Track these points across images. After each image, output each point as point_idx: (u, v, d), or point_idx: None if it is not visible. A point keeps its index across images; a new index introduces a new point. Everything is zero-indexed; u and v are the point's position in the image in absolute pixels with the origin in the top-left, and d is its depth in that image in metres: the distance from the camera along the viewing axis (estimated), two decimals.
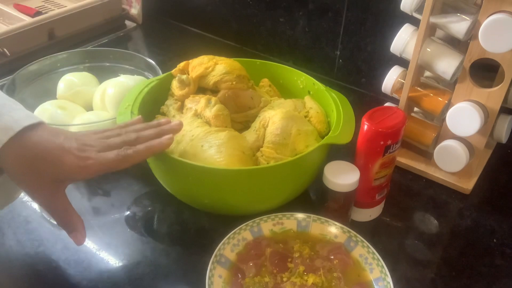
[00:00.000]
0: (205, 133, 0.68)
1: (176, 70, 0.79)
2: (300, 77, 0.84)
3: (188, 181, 0.66)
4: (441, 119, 0.77)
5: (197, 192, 0.68)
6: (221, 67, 0.77)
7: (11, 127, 0.51)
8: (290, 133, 0.69)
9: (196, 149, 0.66)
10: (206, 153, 0.66)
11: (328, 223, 0.65)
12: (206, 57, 0.79)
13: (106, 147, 0.58)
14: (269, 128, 0.70)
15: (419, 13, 0.72)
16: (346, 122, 0.70)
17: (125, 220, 0.72)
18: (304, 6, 1.02)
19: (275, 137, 0.69)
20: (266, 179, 0.65)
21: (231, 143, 0.67)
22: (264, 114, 0.74)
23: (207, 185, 0.65)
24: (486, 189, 0.79)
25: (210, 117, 0.71)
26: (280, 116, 0.70)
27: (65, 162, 0.53)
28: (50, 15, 1.09)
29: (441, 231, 0.73)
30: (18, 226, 0.69)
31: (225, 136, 0.67)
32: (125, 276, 0.63)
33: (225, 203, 0.68)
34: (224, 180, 0.64)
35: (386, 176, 0.68)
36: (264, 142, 0.70)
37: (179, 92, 0.78)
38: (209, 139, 0.67)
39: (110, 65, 0.96)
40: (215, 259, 0.59)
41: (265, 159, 0.68)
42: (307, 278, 0.58)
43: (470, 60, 0.69)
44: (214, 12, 1.18)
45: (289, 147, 0.69)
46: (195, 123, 0.71)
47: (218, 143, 0.66)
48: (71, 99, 0.86)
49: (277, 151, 0.68)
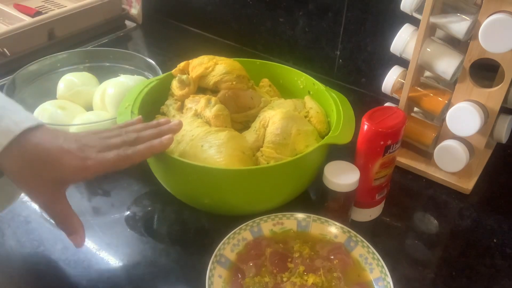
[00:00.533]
0: (205, 133, 0.68)
1: (176, 70, 0.79)
2: (300, 77, 0.84)
3: (188, 181, 0.66)
4: (441, 119, 0.77)
5: (197, 192, 0.68)
6: (221, 67, 0.77)
7: (11, 130, 0.51)
8: (290, 133, 0.69)
9: (196, 149, 0.66)
10: (206, 153, 0.66)
11: (328, 223, 0.65)
12: (206, 57, 0.79)
13: (106, 147, 0.57)
14: (269, 128, 0.70)
15: (419, 13, 0.72)
16: (346, 122, 0.71)
17: (125, 220, 0.72)
18: (304, 6, 1.02)
19: (275, 137, 0.69)
20: (266, 179, 0.65)
21: (231, 143, 0.67)
22: (264, 114, 0.74)
23: (207, 185, 0.65)
24: (486, 189, 0.79)
25: (210, 117, 0.71)
26: (280, 116, 0.71)
27: (65, 163, 0.53)
28: (50, 15, 1.09)
29: (441, 231, 0.73)
30: (18, 226, 0.69)
31: (225, 136, 0.67)
32: (125, 276, 0.63)
33: (225, 203, 0.68)
34: (224, 180, 0.64)
35: (386, 176, 0.68)
36: (264, 142, 0.70)
37: (179, 92, 0.78)
38: (209, 139, 0.67)
39: (110, 65, 0.96)
40: (215, 259, 0.59)
41: (265, 159, 0.68)
42: (307, 278, 0.58)
43: (470, 60, 0.69)
44: (214, 12, 1.18)
45: (289, 147, 0.69)
46: (195, 123, 0.71)
47: (218, 143, 0.66)
48: (71, 99, 0.86)
49: (277, 151, 0.68)
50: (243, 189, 0.66)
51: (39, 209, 0.72)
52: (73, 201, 0.56)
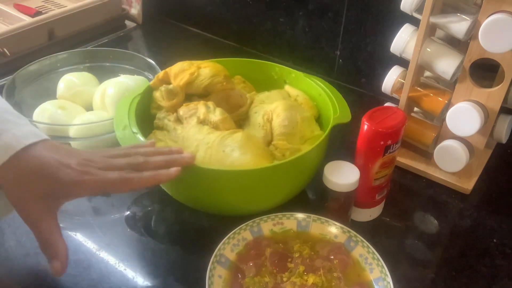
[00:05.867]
0: (220, 138, 0.67)
1: (156, 82, 0.76)
2: (273, 69, 0.84)
3: (188, 183, 0.65)
4: (441, 119, 0.77)
5: (196, 194, 0.67)
6: (207, 70, 0.75)
7: (12, 146, 0.50)
8: (296, 121, 0.72)
9: (218, 155, 0.65)
10: (231, 156, 0.65)
11: (328, 223, 0.65)
12: (184, 63, 0.77)
13: (108, 166, 0.54)
14: (275, 121, 0.72)
15: (419, 13, 0.72)
16: (340, 102, 0.75)
17: (125, 220, 0.72)
18: (304, 6, 1.02)
19: (284, 128, 0.70)
20: (269, 177, 0.65)
21: (251, 142, 0.67)
22: (264, 109, 0.74)
23: (207, 186, 0.65)
24: (486, 189, 0.79)
25: (218, 121, 0.70)
26: (282, 108, 0.72)
27: (60, 176, 0.51)
28: (50, 15, 1.09)
29: (441, 231, 0.73)
30: (18, 226, 0.69)
31: (242, 137, 0.67)
32: (125, 276, 0.63)
33: (225, 203, 0.68)
34: (224, 180, 0.64)
35: (386, 176, 0.68)
36: (274, 136, 0.71)
37: (167, 103, 0.74)
38: (227, 143, 0.66)
39: (110, 65, 0.96)
40: (215, 259, 0.59)
41: (280, 151, 0.69)
42: (307, 278, 0.58)
43: (470, 60, 0.69)
44: (214, 12, 1.18)
45: (298, 135, 0.71)
46: (204, 130, 0.69)
47: (238, 145, 0.66)
48: (71, 99, 0.86)
49: (288, 141, 0.70)
50: (243, 189, 0.66)
51: None
52: (73, 201, 0.56)
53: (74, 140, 0.77)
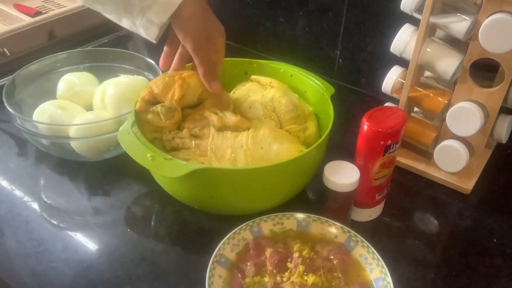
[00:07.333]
0: (251, 137, 0.68)
1: (142, 104, 0.70)
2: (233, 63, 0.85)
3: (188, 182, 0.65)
4: (441, 119, 0.77)
5: (196, 193, 0.67)
6: (195, 78, 0.72)
7: None
8: (296, 103, 0.75)
9: (259, 153, 0.67)
10: (271, 151, 0.67)
11: (328, 223, 0.65)
12: (165, 77, 0.72)
13: None
14: (280, 108, 0.74)
15: (419, 13, 0.72)
16: (311, 77, 0.80)
17: (125, 220, 0.72)
18: (304, 6, 1.02)
19: (291, 112, 0.73)
20: (269, 177, 0.65)
21: (278, 132, 0.70)
22: (262, 100, 0.75)
23: (207, 186, 0.65)
24: (486, 189, 0.79)
25: (237, 122, 0.69)
26: (280, 93, 0.75)
27: None
28: (50, 15, 1.09)
29: (441, 231, 0.73)
30: (18, 226, 0.70)
31: (269, 130, 0.69)
32: (125, 276, 0.63)
33: (225, 203, 0.68)
34: (223, 180, 0.64)
35: (386, 176, 0.68)
36: (283, 122, 0.74)
37: (169, 122, 0.70)
38: (260, 140, 0.68)
39: (110, 65, 0.96)
40: (215, 259, 0.59)
41: (295, 134, 0.72)
42: (307, 278, 0.58)
43: (470, 60, 0.69)
44: (214, 12, 1.18)
45: (302, 115, 0.75)
46: (229, 135, 0.68)
47: (271, 139, 0.68)
48: (71, 99, 0.86)
49: (298, 124, 0.72)
50: (243, 189, 0.66)
51: (39, 209, 0.72)
52: (73, 201, 0.57)
53: (74, 140, 0.77)
